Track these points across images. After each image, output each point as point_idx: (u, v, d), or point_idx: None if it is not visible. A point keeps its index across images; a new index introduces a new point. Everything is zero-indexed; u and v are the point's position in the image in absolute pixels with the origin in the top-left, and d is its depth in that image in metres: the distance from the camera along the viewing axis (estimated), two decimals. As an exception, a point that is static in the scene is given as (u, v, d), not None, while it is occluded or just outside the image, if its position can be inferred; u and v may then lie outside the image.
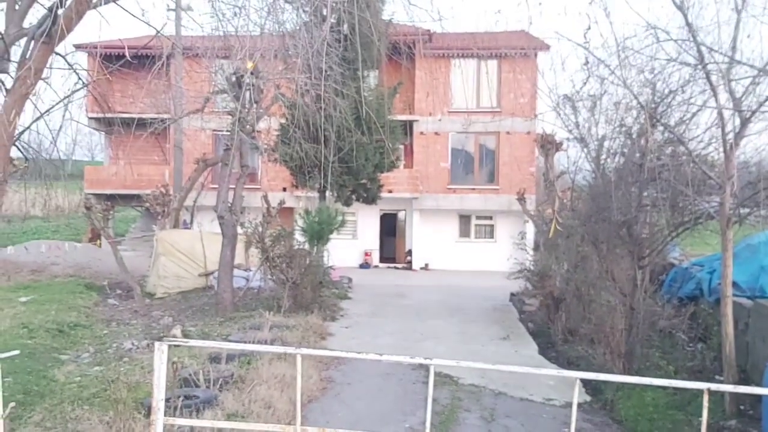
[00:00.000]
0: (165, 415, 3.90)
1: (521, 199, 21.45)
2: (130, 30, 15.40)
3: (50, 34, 4.90)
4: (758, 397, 7.69)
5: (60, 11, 4.96)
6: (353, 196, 22.20)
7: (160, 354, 3.46)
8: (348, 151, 17.64)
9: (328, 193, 21.11)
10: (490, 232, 31.54)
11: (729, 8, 7.30)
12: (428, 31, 19.60)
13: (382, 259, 31.84)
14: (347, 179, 20.80)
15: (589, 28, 7.35)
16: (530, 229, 23.41)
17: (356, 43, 8.21)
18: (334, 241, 19.31)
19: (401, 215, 32.44)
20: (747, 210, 8.07)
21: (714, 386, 3.54)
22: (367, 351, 11.74)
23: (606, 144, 10.95)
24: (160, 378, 3.47)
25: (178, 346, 9.65)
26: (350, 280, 22.16)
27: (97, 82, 10.17)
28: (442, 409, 8.62)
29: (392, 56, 16.81)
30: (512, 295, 19.03)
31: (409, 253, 31.34)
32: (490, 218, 31.48)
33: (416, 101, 29.92)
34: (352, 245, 30.39)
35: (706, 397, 3.47)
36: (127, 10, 5.83)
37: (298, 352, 3.66)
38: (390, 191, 27.09)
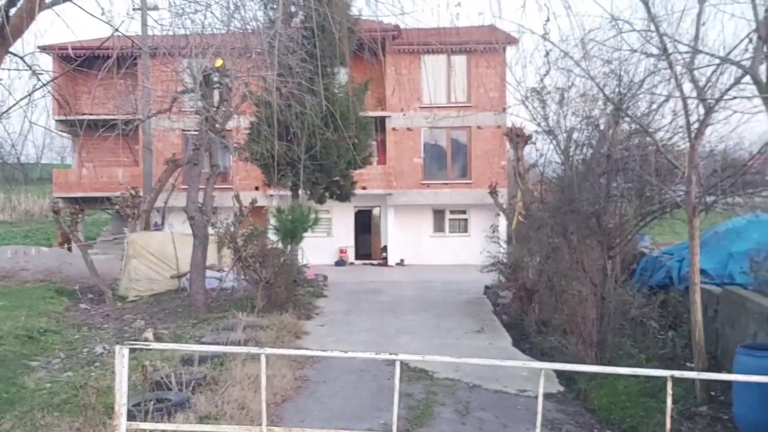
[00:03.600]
0: (129, 420, 3.83)
1: (493, 193, 21.55)
2: (98, 31, 15.16)
3: (2, 35, 4.79)
4: (729, 383, 7.80)
5: (12, 11, 4.85)
6: (326, 194, 22.10)
7: (121, 358, 3.40)
8: (320, 149, 17.56)
9: (300, 191, 21.01)
10: (463, 227, 31.68)
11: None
12: (396, 26, 19.58)
13: (358, 256, 31.81)
14: (320, 177, 20.70)
15: (548, 20, 7.39)
16: (503, 222, 23.53)
17: (322, 39, 8.15)
18: (308, 239, 19.24)
19: (376, 212, 32.44)
20: (712, 198, 8.17)
21: (677, 373, 3.57)
22: (342, 348, 11.75)
23: (574, 136, 11.03)
24: (121, 383, 3.41)
25: (149, 349, 9.56)
26: (325, 278, 22.09)
27: (60, 84, 9.97)
28: (417, 404, 8.62)
29: (362, 53, 16.73)
30: (486, 288, 19.13)
31: (385, 249, 31.34)
32: (464, 212, 31.61)
33: (387, 97, 29.90)
34: (326, 243, 30.31)
35: (669, 385, 3.51)
36: (84, 9, 5.71)
37: (262, 352, 3.63)
38: (364, 188, 27.03)
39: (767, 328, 8.35)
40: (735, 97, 7.23)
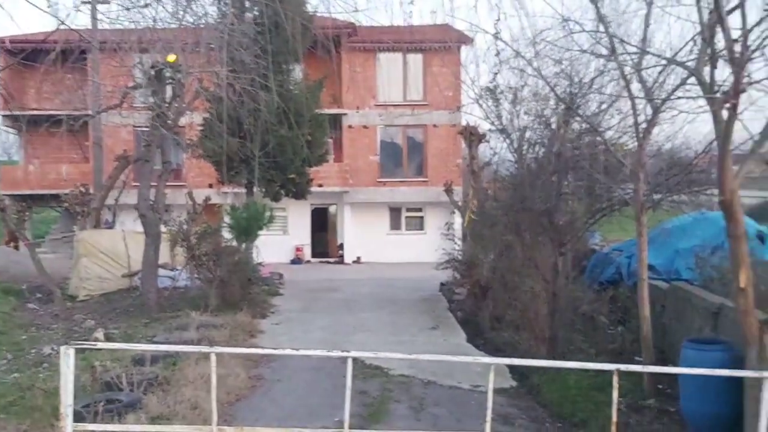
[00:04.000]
0: (78, 421, 3.76)
1: (448, 191, 21.69)
2: (48, 25, 14.76)
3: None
4: (676, 376, 8.01)
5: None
6: (282, 191, 21.92)
7: (67, 359, 3.33)
8: (275, 146, 17.41)
9: (255, 189, 20.81)
10: (420, 224, 31.82)
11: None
12: (351, 24, 19.54)
13: (315, 254, 31.68)
14: (275, 174, 20.50)
15: (498, 20, 7.49)
16: (458, 219, 23.70)
17: (276, 35, 8.10)
18: (263, 237, 19.08)
19: (332, 209, 32.37)
20: (659, 196, 8.38)
21: (623, 367, 3.67)
22: (298, 347, 11.69)
23: (527, 135, 11.19)
24: (67, 384, 3.34)
25: (98, 350, 9.37)
26: (281, 276, 21.95)
27: (5, 79, 9.69)
28: (373, 401, 8.65)
29: (318, 50, 16.61)
30: (442, 285, 19.26)
31: (341, 247, 31.29)
32: (420, 210, 31.75)
33: (343, 95, 29.85)
34: (282, 241, 30.09)
35: (615, 378, 3.60)
36: (29, 1, 5.56)
37: (212, 351, 3.59)
38: (320, 185, 26.94)
39: (712, 322, 8.59)
40: (681, 98, 7.42)
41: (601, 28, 7.88)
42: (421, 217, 31.84)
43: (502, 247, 13.04)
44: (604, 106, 9.09)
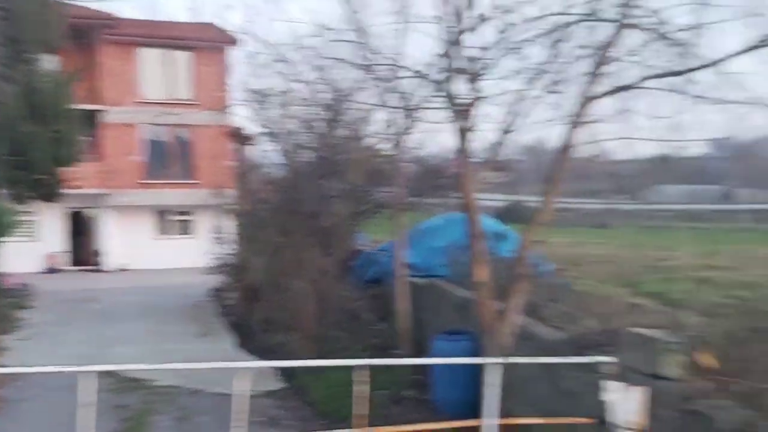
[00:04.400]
0: None
1: (219, 194, 21.23)
2: None
3: None
4: (431, 367, 8.61)
5: None
6: (29, 193, 19.83)
7: None
8: (19, 142, 15.71)
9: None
10: (189, 228, 30.77)
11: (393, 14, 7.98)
12: (110, 15, 18.33)
13: (76, 262, 29.20)
14: (20, 174, 18.46)
15: (250, 21, 7.54)
16: (229, 223, 23.30)
17: (17, 21, 7.38)
18: (9, 244, 17.25)
19: (92, 213, 30.09)
20: (414, 199, 8.96)
21: (374, 361, 3.90)
22: (49, 363, 10.68)
23: (295, 139, 11.35)
24: None
25: None
26: (29, 286, 19.95)
27: None
28: (132, 415, 8.22)
29: (74, 41, 15.33)
30: (213, 290, 18.85)
31: (97, 253, 29.18)
32: (189, 213, 30.71)
33: (103, 90, 27.91)
34: (32, 248, 27.33)
35: (356, 373, 3.82)
36: None
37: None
38: (78, 187, 24.87)
39: (461, 315, 9.38)
40: (428, 108, 8.00)
41: (362, 39, 8.24)
42: (191, 221, 30.82)
43: (273, 250, 13.08)
44: (365, 115, 9.51)
